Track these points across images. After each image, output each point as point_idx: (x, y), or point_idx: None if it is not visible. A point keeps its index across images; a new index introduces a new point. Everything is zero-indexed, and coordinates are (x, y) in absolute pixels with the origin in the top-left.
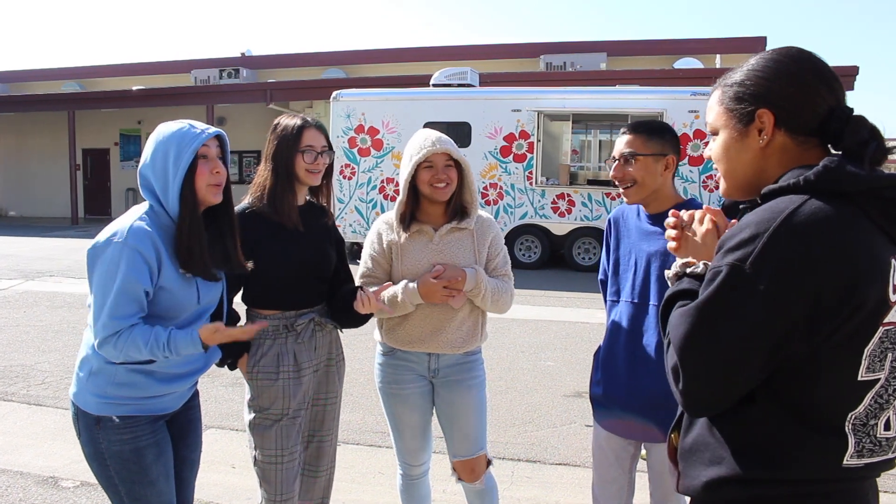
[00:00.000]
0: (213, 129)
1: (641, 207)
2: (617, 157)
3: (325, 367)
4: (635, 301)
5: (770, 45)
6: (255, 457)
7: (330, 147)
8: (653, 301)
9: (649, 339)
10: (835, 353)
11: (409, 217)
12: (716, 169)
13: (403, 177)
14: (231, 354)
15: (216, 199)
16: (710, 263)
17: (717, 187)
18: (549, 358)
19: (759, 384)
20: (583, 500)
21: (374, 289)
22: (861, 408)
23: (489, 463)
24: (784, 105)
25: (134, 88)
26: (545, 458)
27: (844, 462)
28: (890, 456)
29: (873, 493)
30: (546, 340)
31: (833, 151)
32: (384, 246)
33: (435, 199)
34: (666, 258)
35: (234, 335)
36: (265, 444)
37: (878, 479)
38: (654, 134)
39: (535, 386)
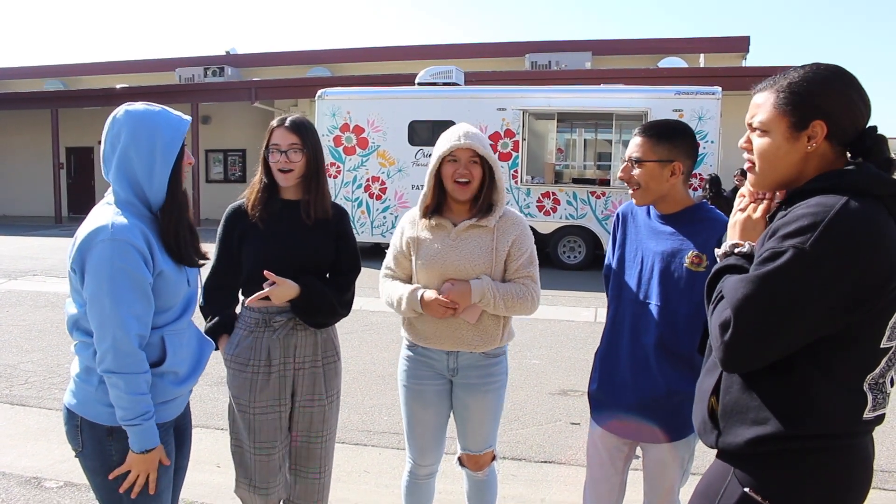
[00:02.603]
0: (186, 116)
1: (652, 206)
2: (626, 160)
3: (310, 367)
4: (639, 299)
5: (753, 46)
6: (230, 439)
7: (305, 145)
8: (653, 301)
9: (648, 339)
10: (868, 325)
11: (433, 211)
12: (749, 160)
13: (429, 169)
14: (212, 335)
15: (184, 186)
16: (754, 243)
17: (700, 186)
18: (534, 356)
19: (800, 353)
20: (568, 498)
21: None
22: (878, 370)
23: (494, 457)
24: (836, 120)
25: (118, 87)
26: (530, 456)
27: (864, 416)
28: (886, 410)
29: (871, 445)
30: (531, 338)
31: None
32: (404, 243)
33: (455, 196)
34: (672, 259)
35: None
36: (235, 430)
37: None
38: (664, 138)
39: (521, 384)
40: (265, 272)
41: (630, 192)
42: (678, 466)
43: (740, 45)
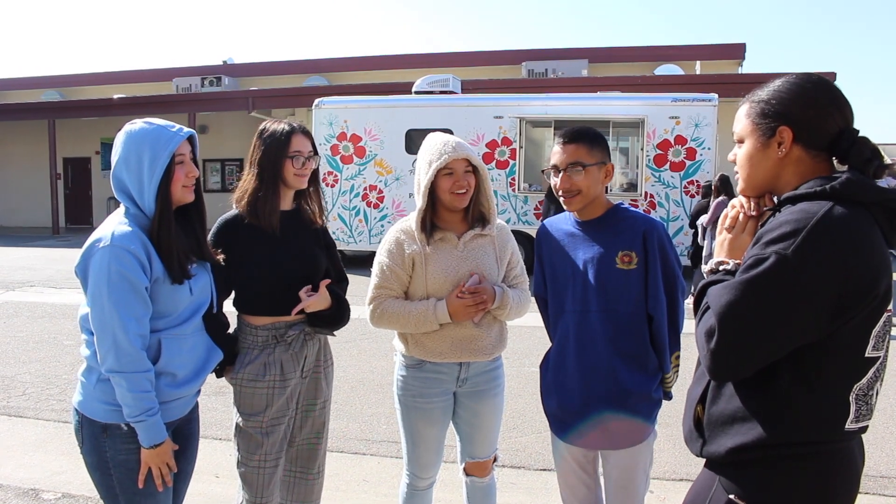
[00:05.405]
0: (186, 130)
1: (572, 215)
2: (562, 168)
3: (313, 372)
4: (579, 309)
5: (750, 53)
6: (237, 459)
7: (315, 152)
8: (595, 307)
9: (598, 346)
10: (851, 334)
11: (430, 225)
12: (737, 171)
13: (423, 183)
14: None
15: (191, 197)
16: (738, 262)
17: (697, 193)
18: (532, 364)
19: (785, 362)
20: None
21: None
22: (864, 380)
23: (496, 458)
24: (802, 124)
25: (115, 97)
26: (529, 464)
27: (846, 426)
28: (869, 422)
29: (859, 450)
30: (530, 346)
31: (836, 165)
32: (405, 257)
33: (454, 207)
34: (602, 262)
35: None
36: (249, 448)
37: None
38: (595, 142)
39: (520, 391)
40: (322, 281)
41: (562, 199)
42: (641, 472)
43: (736, 52)
